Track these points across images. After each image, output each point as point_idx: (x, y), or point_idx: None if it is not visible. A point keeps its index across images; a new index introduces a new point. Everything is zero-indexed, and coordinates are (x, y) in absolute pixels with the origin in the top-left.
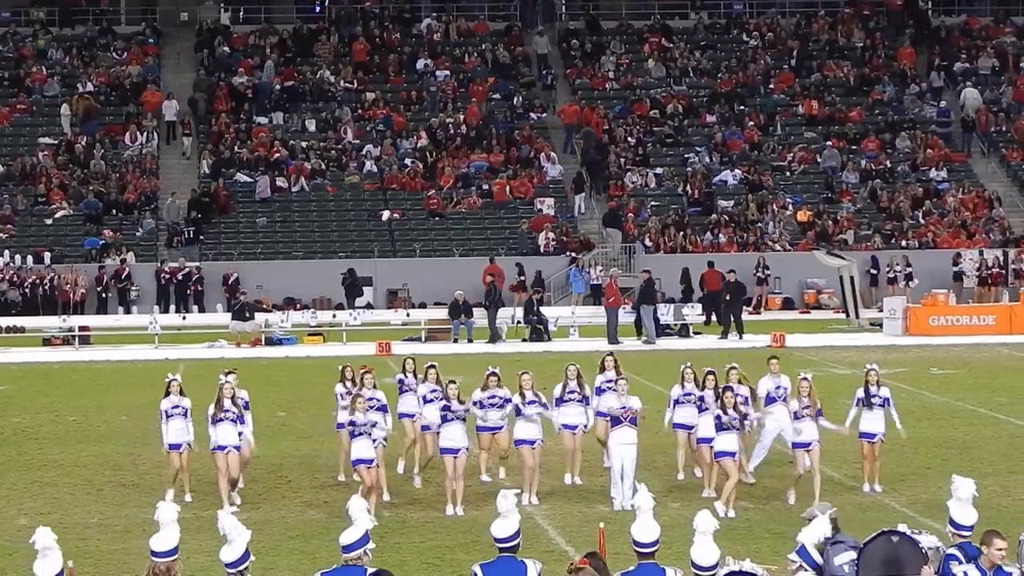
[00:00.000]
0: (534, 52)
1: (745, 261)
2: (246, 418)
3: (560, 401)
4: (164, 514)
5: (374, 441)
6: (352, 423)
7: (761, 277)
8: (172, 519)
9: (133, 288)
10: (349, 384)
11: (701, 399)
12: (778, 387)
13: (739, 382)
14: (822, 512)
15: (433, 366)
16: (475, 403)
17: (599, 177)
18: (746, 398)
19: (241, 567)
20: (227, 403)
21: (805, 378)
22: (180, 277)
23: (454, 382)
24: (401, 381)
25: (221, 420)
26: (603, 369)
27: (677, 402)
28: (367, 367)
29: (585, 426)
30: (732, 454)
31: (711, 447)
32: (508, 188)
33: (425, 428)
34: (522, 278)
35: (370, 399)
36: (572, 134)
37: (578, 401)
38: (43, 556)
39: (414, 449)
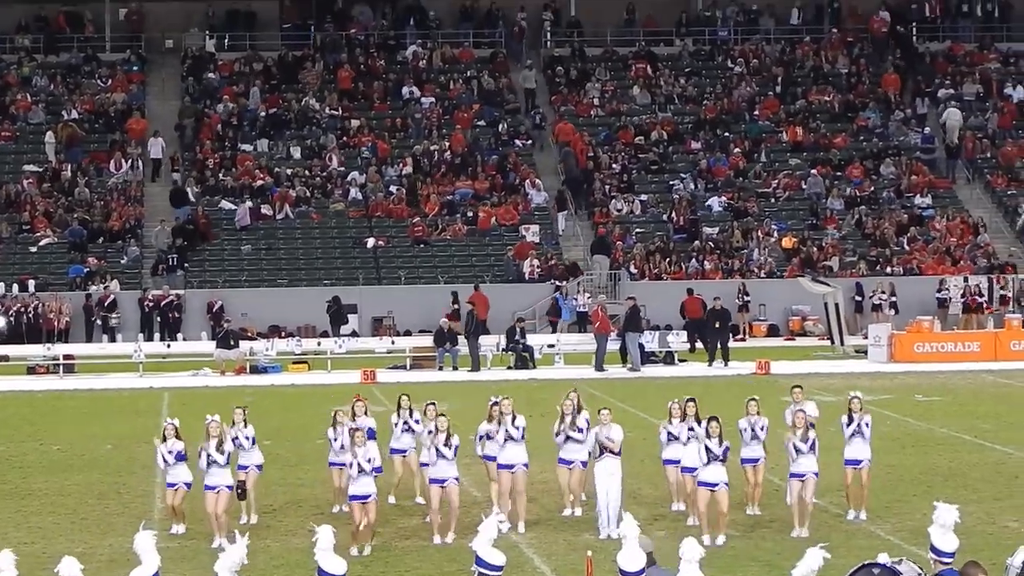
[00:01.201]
0: (521, 86)
1: (730, 288)
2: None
3: (558, 435)
4: (141, 544)
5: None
6: (351, 464)
7: (741, 304)
8: (150, 548)
9: (112, 316)
10: (340, 428)
11: (691, 428)
12: (799, 411)
13: (758, 413)
14: (642, 545)
15: (433, 404)
16: (481, 437)
17: (581, 195)
18: (763, 426)
19: None
20: (215, 443)
21: (801, 409)
22: (164, 305)
23: (444, 415)
24: (396, 419)
25: (213, 461)
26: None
27: (670, 437)
28: (359, 396)
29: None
30: (715, 485)
31: (694, 477)
32: (494, 217)
33: (424, 465)
34: (456, 306)
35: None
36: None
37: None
38: None
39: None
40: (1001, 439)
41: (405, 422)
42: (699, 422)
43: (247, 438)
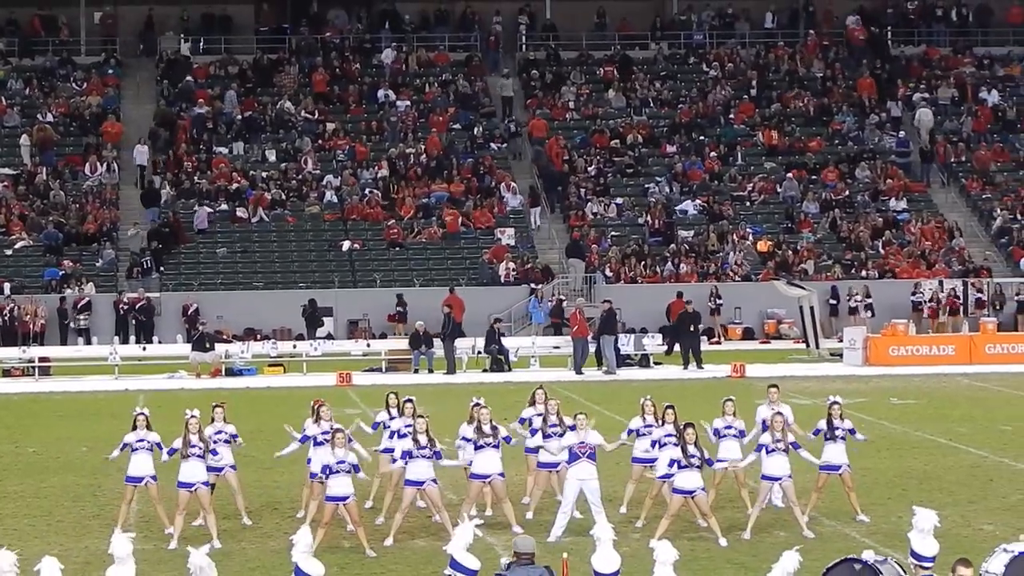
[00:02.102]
0: (498, 93)
1: (705, 291)
2: (225, 452)
3: (545, 436)
4: (118, 547)
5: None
6: (335, 462)
7: (713, 307)
8: (127, 551)
9: (81, 317)
10: (323, 423)
11: (668, 435)
12: (777, 414)
13: (734, 415)
14: (521, 545)
15: (410, 400)
16: (463, 439)
17: (554, 192)
18: (740, 431)
19: None
20: (194, 439)
21: (779, 412)
22: (139, 308)
23: (423, 416)
24: (385, 419)
25: (188, 457)
26: (533, 402)
27: (639, 434)
28: (320, 400)
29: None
30: (691, 492)
31: (670, 483)
32: (460, 219)
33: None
34: (400, 309)
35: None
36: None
37: (559, 436)
38: None
39: (388, 486)
40: (976, 442)
41: (385, 418)
42: (678, 430)
43: (233, 436)
